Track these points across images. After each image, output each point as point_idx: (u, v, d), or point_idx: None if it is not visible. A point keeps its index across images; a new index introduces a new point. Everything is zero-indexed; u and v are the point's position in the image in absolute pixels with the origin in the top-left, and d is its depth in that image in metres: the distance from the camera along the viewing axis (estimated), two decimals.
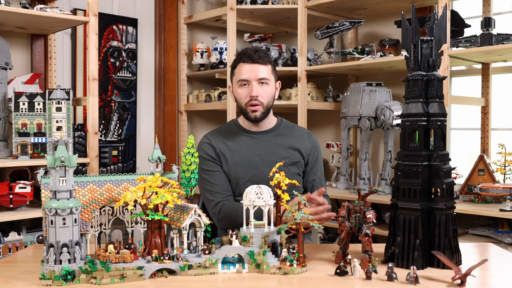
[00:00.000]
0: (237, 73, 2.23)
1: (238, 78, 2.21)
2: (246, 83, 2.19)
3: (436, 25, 1.68)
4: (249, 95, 2.19)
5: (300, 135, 2.33)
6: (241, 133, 2.29)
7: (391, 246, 1.67)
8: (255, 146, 2.25)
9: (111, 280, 1.48)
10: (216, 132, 2.33)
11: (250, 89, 2.19)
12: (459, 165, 3.27)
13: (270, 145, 2.26)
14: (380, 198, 3.03)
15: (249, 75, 2.18)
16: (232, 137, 2.28)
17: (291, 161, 2.25)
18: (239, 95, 2.22)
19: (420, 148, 1.65)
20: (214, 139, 2.28)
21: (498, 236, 2.81)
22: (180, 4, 4.02)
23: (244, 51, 2.23)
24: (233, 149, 2.24)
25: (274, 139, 2.28)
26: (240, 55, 2.22)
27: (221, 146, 2.25)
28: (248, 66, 2.19)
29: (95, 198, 1.61)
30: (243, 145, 2.25)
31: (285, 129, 2.33)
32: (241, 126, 2.31)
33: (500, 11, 3.25)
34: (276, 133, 2.30)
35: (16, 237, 2.78)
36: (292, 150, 2.27)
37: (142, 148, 3.94)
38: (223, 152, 2.24)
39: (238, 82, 2.21)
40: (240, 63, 2.21)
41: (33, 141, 2.82)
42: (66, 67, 3.56)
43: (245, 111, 2.23)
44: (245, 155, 2.23)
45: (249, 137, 2.27)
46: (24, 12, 2.71)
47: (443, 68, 2.78)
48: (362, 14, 3.71)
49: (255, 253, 1.59)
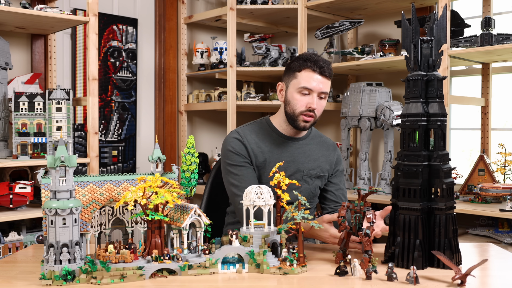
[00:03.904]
0: (301, 78, 2.10)
1: (302, 84, 2.09)
2: (308, 92, 2.10)
3: (436, 25, 1.68)
4: (307, 105, 2.09)
5: (327, 147, 2.30)
6: (274, 135, 2.21)
7: (391, 246, 1.67)
8: (285, 153, 2.18)
9: (111, 280, 1.48)
10: (248, 130, 2.22)
11: (310, 99, 2.09)
12: (459, 165, 3.27)
13: (300, 154, 2.20)
14: (380, 198, 3.03)
15: (315, 86, 2.09)
16: (264, 137, 2.20)
17: (317, 174, 2.21)
18: (296, 101, 2.11)
19: (420, 148, 1.65)
20: (247, 137, 2.18)
21: (498, 236, 2.81)
22: (180, 4, 4.02)
23: (312, 57, 2.12)
24: (263, 150, 2.17)
25: (304, 148, 2.22)
26: (308, 61, 2.11)
27: (253, 145, 2.16)
28: (316, 76, 2.09)
29: (95, 198, 1.61)
30: (274, 149, 2.18)
31: (314, 138, 2.28)
32: (275, 128, 2.22)
33: (500, 11, 3.25)
34: (306, 141, 2.24)
35: (16, 237, 2.78)
36: (319, 163, 2.23)
37: (142, 148, 3.95)
38: (254, 151, 2.15)
39: (300, 88, 2.09)
40: (308, 69, 2.09)
41: (33, 141, 2.82)
42: (66, 67, 3.56)
43: (296, 118, 2.12)
44: (275, 160, 2.15)
45: (282, 141, 2.20)
46: (24, 12, 2.71)
47: (443, 68, 2.78)
48: (362, 14, 3.71)
49: (255, 253, 1.59)
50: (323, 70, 2.09)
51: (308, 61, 2.10)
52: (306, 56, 2.14)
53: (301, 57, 2.15)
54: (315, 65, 2.09)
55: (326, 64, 2.11)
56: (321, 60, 2.11)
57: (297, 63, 2.14)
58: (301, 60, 2.13)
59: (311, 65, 2.09)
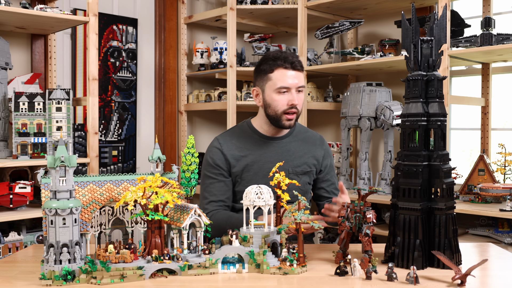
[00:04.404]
0: (275, 78, 2.09)
1: (279, 84, 2.08)
2: (286, 90, 2.09)
3: (436, 25, 1.68)
4: (289, 103, 2.09)
5: (313, 142, 2.28)
6: (255, 137, 2.21)
7: (391, 246, 1.67)
8: (268, 153, 2.19)
9: (111, 280, 1.48)
10: (228, 135, 2.24)
11: (290, 96, 2.09)
12: (459, 165, 3.27)
13: (284, 152, 2.20)
14: (380, 198, 3.03)
15: (291, 83, 2.08)
16: (245, 140, 2.20)
17: (303, 170, 2.21)
18: (277, 101, 2.10)
19: (420, 148, 1.65)
20: (227, 143, 2.19)
21: (498, 236, 2.81)
22: (180, 4, 4.02)
23: (280, 55, 2.10)
24: (245, 154, 2.17)
25: (287, 146, 2.21)
26: (277, 59, 2.09)
27: (233, 151, 2.17)
28: (289, 73, 2.08)
29: (95, 198, 1.61)
30: (256, 150, 2.18)
31: (299, 134, 2.27)
32: (256, 130, 2.22)
33: (500, 11, 3.25)
34: (291, 139, 2.24)
35: (16, 237, 2.78)
36: (305, 159, 2.22)
37: (142, 148, 3.94)
38: (235, 157, 2.17)
39: (277, 88, 2.09)
40: (280, 68, 2.09)
41: (33, 141, 2.82)
42: (66, 67, 3.56)
43: (279, 118, 2.12)
44: (257, 161, 2.17)
45: (263, 142, 2.20)
46: (24, 12, 2.71)
47: (443, 68, 2.78)
48: (362, 14, 3.71)
49: (255, 253, 1.59)
50: (294, 65, 2.09)
51: (278, 60, 2.09)
52: (274, 55, 2.12)
53: (269, 58, 2.13)
54: (286, 61, 2.08)
55: (295, 58, 2.11)
56: (289, 55, 2.11)
57: (267, 64, 2.12)
58: (270, 60, 2.12)
59: (282, 63, 2.09)
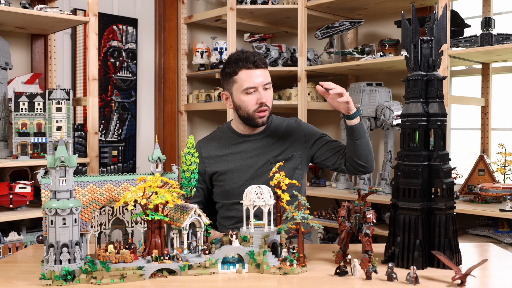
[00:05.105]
0: (241, 80, 2.13)
1: (245, 86, 2.11)
2: (253, 90, 2.12)
3: (436, 25, 1.68)
4: (258, 102, 2.12)
5: (291, 129, 2.28)
6: (234, 136, 2.26)
7: (391, 246, 1.67)
8: (248, 150, 2.23)
9: (111, 280, 1.48)
10: (209, 138, 2.31)
11: (258, 95, 2.12)
12: (459, 165, 3.27)
13: (263, 145, 2.24)
14: (380, 198, 3.03)
15: (257, 82, 2.11)
16: (224, 141, 2.26)
17: (284, 157, 2.22)
18: (246, 102, 2.13)
19: (420, 148, 1.65)
20: (207, 146, 2.26)
21: (498, 236, 2.81)
22: (180, 4, 4.02)
23: (241, 56, 2.13)
24: (225, 153, 2.23)
25: (266, 140, 2.25)
26: (240, 61, 2.12)
27: (212, 152, 2.24)
28: (253, 72, 2.11)
29: (95, 198, 1.62)
30: (236, 150, 2.23)
31: (275, 126, 2.29)
32: (235, 130, 2.27)
33: (500, 11, 3.25)
34: (268, 133, 2.26)
35: (16, 237, 2.78)
36: (284, 147, 2.23)
37: (142, 148, 3.95)
38: (213, 158, 2.22)
39: (244, 90, 2.12)
40: (243, 69, 2.12)
41: (33, 141, 2.82)
42: (66, 67, 3.56)
43: (252, 118, 2.16)
44: (238, 159, 2.21)
45: (242, 141, 2.25)
46: (24, 12, 2.71)
47: (443, 68, 2.78)
48: (362, 14, 3.71)
49: (255, 253, 1.59)
50: (257, 63, 2.12)
51: (240, 61, 2.13)
52: (235, 57, 2.16)
53: (231, 60, 2.17)
54: (248, 62, 2.11)
55: (257, 56, 2.13)
56: (250, 55, 2.13)
57: (230, 67, 2.16)
58: (232, 63, 2.15)
59: (244, 63, 2.12)
